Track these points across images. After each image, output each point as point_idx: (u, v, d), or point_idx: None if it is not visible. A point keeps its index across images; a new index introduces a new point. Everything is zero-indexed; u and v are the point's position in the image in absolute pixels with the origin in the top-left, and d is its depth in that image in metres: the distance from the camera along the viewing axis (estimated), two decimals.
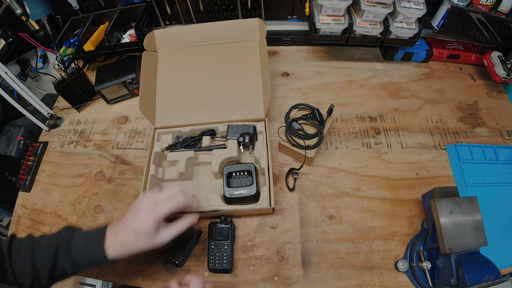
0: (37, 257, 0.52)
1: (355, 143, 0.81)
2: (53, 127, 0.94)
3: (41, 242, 0.54)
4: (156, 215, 0.52)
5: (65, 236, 0.54)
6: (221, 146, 0.75)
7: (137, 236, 0.52)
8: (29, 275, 0.51)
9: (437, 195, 0.60)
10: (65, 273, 0.53)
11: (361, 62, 0.99)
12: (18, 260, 0.52)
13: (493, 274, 0.51)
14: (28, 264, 0.51)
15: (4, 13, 0.94)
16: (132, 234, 0.53)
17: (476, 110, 0.88)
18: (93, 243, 0.54)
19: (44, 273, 0.51)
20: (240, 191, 0.66)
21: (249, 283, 0.65)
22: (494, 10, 0.78)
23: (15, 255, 0.52)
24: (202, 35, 0.85)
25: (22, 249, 0.53)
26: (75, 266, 0.53)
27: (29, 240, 0.54)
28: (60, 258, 0.52)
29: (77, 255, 0.53)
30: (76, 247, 0.53)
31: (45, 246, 0.53)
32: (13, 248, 0.53)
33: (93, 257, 0.53)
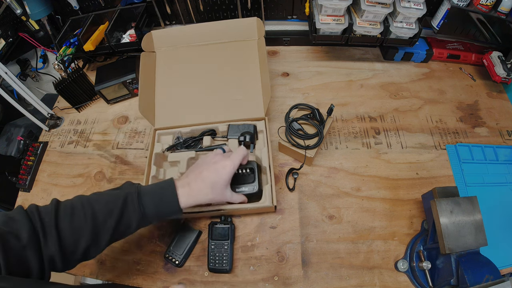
0: (99, 215, 0.49)
1: (355, 143, 0.81)
2: (53, 127, 0.94)
3: (102, 199, 0.52)
4: (231, 170, 0.57)
5: (132, 189, 0.53)
6: (221, 146, 0.75)
7: (213, 189, 0.56)
8: (88, 237, 0.48)
9: (437, 195, 0.60)
10: (129, 227, 0.52)
11: (361, 62, 0.99)
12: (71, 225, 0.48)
13: (493, 274, 0.51)
14: (88, 225, 0.48)
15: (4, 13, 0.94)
16: (208, 185, 0.55)
17: (476, 110, 0.88)
18: (166, 194, 0.54)
19: (107, 231, 0.49)
20: (242, 188, 0.65)
21: (249, 283, 0.65)
22: (494, 10, 0.78)
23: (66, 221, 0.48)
24: (200, 35, 0.85)
25: (77, 211, 0.49)
26: (143, 220, 0.52)
27: (83, 201, 0.50)
28: (128, 212, 0.51)
29: (148, 207, 0.52)
30: (147, 199, 0.52)
31: (109, 201, 0.51)
32: (61, 213, 0.48)
33: (165, 209, 0.53)
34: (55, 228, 0.46)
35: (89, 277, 0.69)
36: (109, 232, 0.50)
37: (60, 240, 0.46)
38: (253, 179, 0.66)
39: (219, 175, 0.56)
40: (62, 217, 0.48)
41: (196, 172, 0.57)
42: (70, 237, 0.47)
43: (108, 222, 0.49)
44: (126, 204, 0.51)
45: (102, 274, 0.68)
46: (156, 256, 0.69)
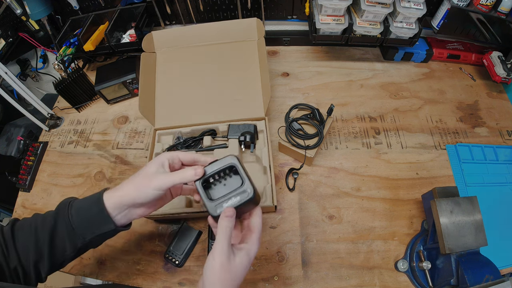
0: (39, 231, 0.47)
1: (355, 143, 0.81)
2: (53, 127, 0.94)
3: (45, 214, 0.50)
4: (162, 157, 0.49)
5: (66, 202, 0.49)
6: (222, 145, 0.75)
7: (138, 175, 0.48)
8: (32, 252, 0.46)
9: (437, 195, 0.60)
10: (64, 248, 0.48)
11: (361, 62, 0.99)
12: (21, 239, 0.47)
13: (493, 274, 0.51)
14: (31, 239, 0.47)
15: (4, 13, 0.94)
16: (131, 179, 0.48)
17: (476, 110, 0.88)
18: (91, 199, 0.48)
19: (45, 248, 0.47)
20: (232, 199, 0.46)
21: (249, 283, 0.65)
22: (494, 10, 0.78)
23: (19, 235, 0.48)
24: (200, 36, 0.85)
25: (26, 226, 0.48)
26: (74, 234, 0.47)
27: (34, 216, 0.50)
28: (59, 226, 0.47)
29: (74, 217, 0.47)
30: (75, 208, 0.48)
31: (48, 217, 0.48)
32: (16, 228, 0.48)
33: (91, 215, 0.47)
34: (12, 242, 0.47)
35: (89, 277, 0.69)
36: (47, 245, 0.47)
37: (18, 253, 0.47)
38: (241, 181, 0.47)
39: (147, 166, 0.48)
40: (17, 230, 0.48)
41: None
42: (22, 252, 0.47)
43: (45, 235, 0.47)
44: (58, 214, 0.48)
45: (102, 274, 0.68)
46: (156, 256, 0.69)
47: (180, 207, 0.67)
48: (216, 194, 0.49)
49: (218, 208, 0.46)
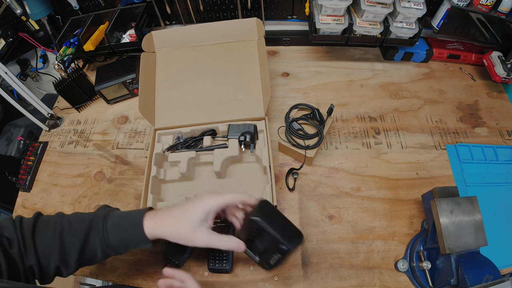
0: (66, 236, 0.47)
1: (355, 143, 0.81)
2: (53, 127, 0.94)
3: (72, 219, 0.49)
4: (212, 205, 0.49)
5: (101, 212, 0.50)
6: (222, 145, 0.75)
7: (181, 217, 0.48)
8: (56, 257, 0.47)
9: (437, 195, 0.60)
10: (95, 255, 0.49)
11: (361, 62, 0.99)
12: (43, 240, 0.47)
13: (493, 274, 0.51)
14: (56, 244, 0.47)
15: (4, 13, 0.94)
16: (175, 213, 0.49)
17: (476, 110, 0.88)
18: (132, 221, 0.49)
19: (73, 254, 0.47)
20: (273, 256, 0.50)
21: (249, 283, 0.65)
22: (494, 10, 0.78)
23: (40, 235, 0.47)
24: (200, 36, 0.85)
25: (50, 227, 0.48)
26: (107, 248, 0.49)
27: (58, 218, 0.49)
28: (91, 238, 0.48)
29: (111, 234, 0.48)
30: (111, 225, 0.49)
31: (76, 224, 0.49)
32: (38, 226, 0.48)
33: (130, 236, 0.49)
34: (32, 241, 0.47)
35: (89, 277, 0.69)
36: (76, 254, 0.48)
37: (37, 252, 0.47)
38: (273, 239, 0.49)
39: (194, 207, 0.49)
40: (38, 230, 0.48)
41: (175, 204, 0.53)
42: (43, 252, 0.47)
43: (75, 243, 0.48)
44: (91, 226, 0.49)
45: (102, 274, 0.68)
46: (156, 256, 0.69)
47: None
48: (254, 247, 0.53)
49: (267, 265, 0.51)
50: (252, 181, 0.74)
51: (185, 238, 0.48)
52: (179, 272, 0.51)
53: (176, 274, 0.51)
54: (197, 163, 0.77)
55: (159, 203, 0.70)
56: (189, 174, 0.75)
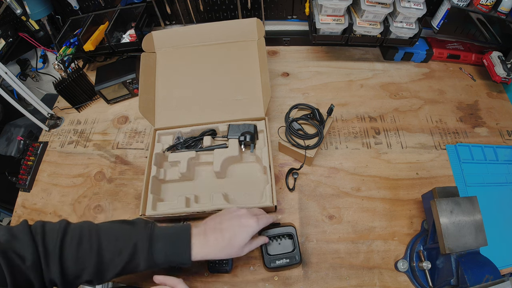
0: (106, 252, 0.47)
1: (355, 143, 0.81)
2: (53, 127, 0.94)
3: (111, 235, 0.49)
4: (255, 229, 0.54)
5: (145, 230, 0.51)
6: (222, 145, 0.75)
7: (231, 245, 0.52)
8: (91, 271, 0.46)
9: (437, 195, 0.60)
10: (136, 270, 0.50)
11: (361, 62, 0.99)
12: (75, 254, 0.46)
13: (493, 274, 0.51)
14: (92, 259, 0.46)
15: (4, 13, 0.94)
16: (227, 242, 0.52)
17: (476, 110, 0.88)
18: (179, 243, 0.51)
19: (112, 270, 0.48)
20: (283, 260, 0.61)
21: (249, 283, 0.65)
22: (494, 10, 0.78)
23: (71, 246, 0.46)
24: (200, 36, 0.85)
25: (84, 241, 0.47)
26: (152, 265, 0.50)
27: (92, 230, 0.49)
28: (138, 257, 0.49)
29: (158, 255, 0.50)
30: (160, 247, 0.50)
31: (119, 242, 0.49)
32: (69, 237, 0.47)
33: (175, 258, 0.51)
34: (58, 257, 0.45)
35: None
36: (115, 271, 0.48)
37: (63, 269, 0.46)
38: (293, 247, 0.63)
39: (241, 232, 0.53)
40: (68, 244, 0.47)
41: (216, 221, 0.54)
42: (73, 267, 0.46)
43: (115, 261, 0.48)
44: (136, 249, 0.49)
45: None
46: None
47: (180, 207, 0.67)
48: (272, 250, 0.63)
49: (272, 263, 0.61)
50: (252, 181, 0.74)
51: (234, 256, 0.54)
52: (169, 278, 0.52)
53: (167, 281, 0.52)
54: (197, 163, 0.77)
55: (159, 203, 0.70)
56: (189, 174, 0.75)
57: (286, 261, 0.61)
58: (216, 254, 0.52)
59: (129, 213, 0.75)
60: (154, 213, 0.67)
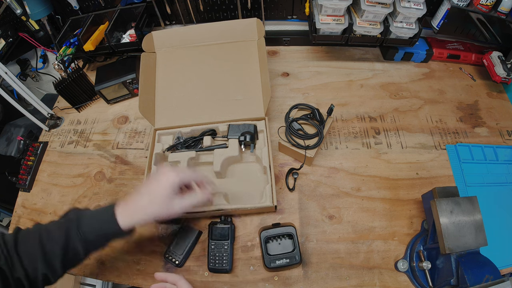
0: (46, 243, 0.49)
1: (355, 143, 0.81)
2: (53, 127, 0.94)
3: (49, 227, 0.52)
4: (175, 179, 0.53)
5: (73, 216, 0.53)
6: (222, 145, 0.75)
7: (152, 200, 0.52)
8: (41, 265, 0.48)
9: (437, 195, 0.60)
10: (78, 254, 0.51)
11: (361, 62, 0.99)
12: (26, 251, 0.49)
13: (493, 274, 0.51)
14: (38, 253, 0.49)
15: (4, 13, 0.94)
16: (146, 198, 0.52)
17: (476, 110, 0.88)
18: (103, 215, 0.52)
19: (56, 258, 0.49)
20: (283, 259, 0.61)
21: (249, 283, 0.65)
22: (494, 10, 0.78)
23: (22, 247, 0.49)
24: (201, 36, 0.85)
25: (30, 239, 0.50)
26: (88, 245, 0.51)
27: (36, 228, 0.52)
28: (71, 239, 0.50)
29: (87, 231, 0.51)
30: (86, 223, 0.51)
31: (54, 230, 0.51)
32: (20, 239, 0.50)
33: (105, 230, 0.52)
34: (16, 254, 0.48)
35: (89, 277, 0.69)
36: (59, 259, 0.49)
37: (22, 264, 0.48)
38: (293, 247, 0.63)
39: (157, 186, 0.53)
40: (20, 242, 0.50)
41: (136, 189, 0.55)
42: (29, 263, 0.48)
43: (56, 250, 0.49)
44: (68, 231, 0.50)
45: (102, 274, 0.68)
46: (156, 256, 0.69)
47: None
48: (272, 250, 0.64)
49: (272, 263, 0.61)
50: (252, 181, 0.74)
51: (164, 216, 0.53)
52: (170, 274, 0.54)
53: (168, 277, 0.54)
54: (197, 163, 0.77)
55: None
56: None
57: (286, 261, 0.62)
58: (143, 216, 0.52)
59: None
60: None
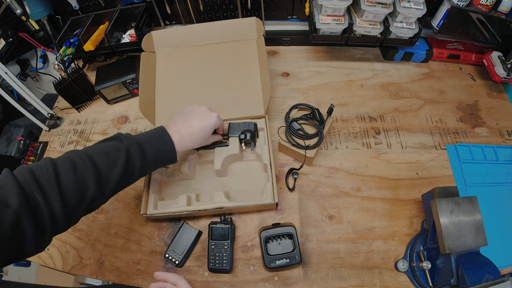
0: (102, 166, 0.49)
1: (355, 143, 0.82)
2: (53, 127, 0.94)
3: (102, 148, 0.51)
4: (217, 123, 0.65)
5: (127, 138, 0.54)
6: (223, 144, 0.76)
7: (202, 132, 0.63)
8: (93, 187, 0.47)
9: (437, 195, 0.60)
10: (133, 175, 0.54)
11: (361, 62, 0.99)
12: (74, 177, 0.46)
13: (493, 274, 0.51)
14: (90, 175, 0.47)
15: (4, 13, 0.94)
16: (198, 129, 0.62)
17: (476, 110, 0.88)
18: (162, 140, 0.58)
19: (112, 179, 0.50)
20: (283, 260, 0.62)
21: (249, 283, 0.65)
22: (494, 10, 0.78)
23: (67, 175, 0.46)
24: (200, 35, 0.85)
25: (77, 163, 0.47)
26: (145, 166, 0.55)
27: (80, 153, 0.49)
28: (132, 158, 0.52)
29: (150, 152, 0.55)
30: (148, 144, 0.55)
31: (110, 151, 0.51)
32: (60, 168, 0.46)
33: (164, 153, 0.58)
34: (56, 185, 0.44)
35: (89, 277, 0.69)
36: (114, 182, 0.51)
37: (63, 195, 0.45)
38: (293, 247, 0.63)
39: (208, 122, 0.64)
40: (64, 172, 0.46)
41: (185, 120, 0.63)
42: (75, 191, 0.46)
43: (113, 173, 0.50)
44: (130, 154, 0.53)
45: (102, 274, 0.68)
46: (156, 256, 0.69)
47: (181, 206, 0.68)
48: (272, 250, 0.64)
49: (272, 263, 0.62)
50: (253, 179, 0.75)
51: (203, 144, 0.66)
52: (170, 274, 0.54)
53: (168, 277, 0.54)
54: (198, 162, 0.77)
55: (160, 202, 0.70)
56: (190, 173, 0.75)
57: (286, 261, 0.62)
58: (191, 145, 0.63)
59: (129, 213, 0.75)
60: (156, 212, 0.67)
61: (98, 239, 0.72)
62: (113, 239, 0.72)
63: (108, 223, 0.74)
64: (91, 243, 0.72)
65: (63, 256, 0.71)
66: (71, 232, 0.74)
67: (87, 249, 0.71)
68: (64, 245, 0.72)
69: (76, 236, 0.73)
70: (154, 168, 0.61)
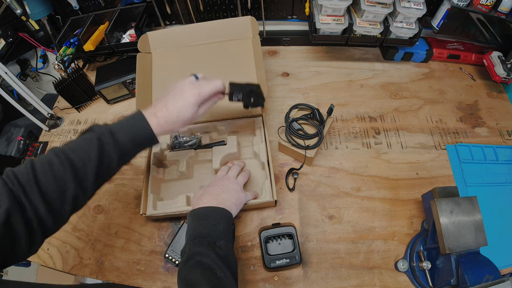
0: (75, 158, 0.47)
1: (355, 143, 0.81)
2: (53, 127, 0.94)
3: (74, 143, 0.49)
4: (201, 92, 0.56)
5: (99, 127, 0.51)
6: (221, 143, 0.76)
7: (179, 115, 0.54)
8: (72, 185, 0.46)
9: (437, 195, 0.60)
10: (111, 164, 0.51)
11: (361, 62, 0.99)
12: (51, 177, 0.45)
13: (493, 274, 0.51)
14: (67, 172, 0.46)
15: (4, 13, 0.94)
16: (175, 112, 0.54)
17: (476, 110, 0.88)
18: (137, 124, 0.53)
19: (89, 172, 0.48)
20: (283, 260, 0.62)
21: (249, 283, 0.65)
22: (494, 10, 0.78)
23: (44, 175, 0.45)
24: (196, 35, 0.85)
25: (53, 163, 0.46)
26: (123, 154, 0.51)
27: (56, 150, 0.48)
28: (105, 147, 0.49)
29: (124, 140, 0.51)
30: (121, 132, 0.51)
31: (82, 144, 0.49)
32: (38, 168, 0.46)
33: (141, 138, 0.53)
34: (36, 185, 0.44)
35: (89, 277, 0.69)
36: (93, 176, 0.48)
37: (43, 195, 0.44)
38: (293, 247, 0.63)
39: (186, 101, 0.55)
40: (40, 171, 0.45)
41: (163, 101, 0.56)
42: (55, 190, 0.45)
43: (88, 166, 0.48)
44: (102, 145, 0.49)
45: (102, 274, 0.68)
46: (156, 256, 0.69)
47: (180, 206, 0.68)
48: (272, 250, 0.64)
49: (272, 263, 0.62)
50: (251, 177, 0.74)
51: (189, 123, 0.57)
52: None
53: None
54: (196, 161, 0.77)
55: (160, 203, 0.70)
56: (189, 172, 0.75)
57: (286, 261, 0.62)
58: (173, 128, 0.55)
59: (129, 213, 0.75)
60: (155, 212, 0.67)
61: (98, 239, 0.72)
62: (113, 239, 0.72)
63: (108, 223, 0.74)
64: (91, 243, 0.72)
65: (63, 256, 0.71)
66: (71, 232, 0.74)
67: (87, 249, 0.71)
68: (64, 245, 0.72)
69: (76, 236, 0.73)
70: (135, 154, 0.55)
